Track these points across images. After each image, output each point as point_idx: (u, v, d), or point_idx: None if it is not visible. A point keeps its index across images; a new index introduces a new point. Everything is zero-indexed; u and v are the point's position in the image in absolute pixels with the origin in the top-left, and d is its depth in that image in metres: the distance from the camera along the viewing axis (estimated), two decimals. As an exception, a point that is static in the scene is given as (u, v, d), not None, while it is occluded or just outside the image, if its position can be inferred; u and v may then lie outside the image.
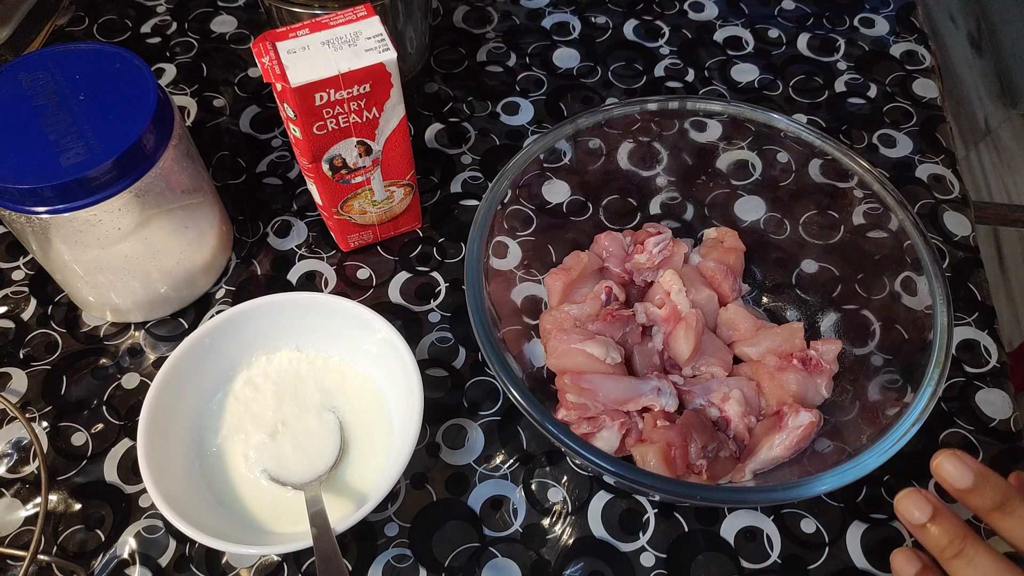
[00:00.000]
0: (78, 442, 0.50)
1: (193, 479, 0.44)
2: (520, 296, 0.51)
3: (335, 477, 0.45)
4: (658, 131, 0.53)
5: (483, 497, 0.47)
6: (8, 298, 0.56)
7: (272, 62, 0.45)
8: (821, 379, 0.48)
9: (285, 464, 0.45)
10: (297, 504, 0.43)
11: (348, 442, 0.47)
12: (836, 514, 0.47)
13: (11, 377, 0.52)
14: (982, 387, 0.52)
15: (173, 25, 0.72)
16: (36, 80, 0.46)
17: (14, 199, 0.43)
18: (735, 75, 0.68)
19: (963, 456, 0.34)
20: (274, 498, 0.45)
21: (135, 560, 0.46)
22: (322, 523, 0.40)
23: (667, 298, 0.51)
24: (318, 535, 0.39)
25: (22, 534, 0.46)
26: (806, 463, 0.45)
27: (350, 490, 0.45)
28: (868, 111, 0.66)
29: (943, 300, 0.43)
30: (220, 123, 0.65)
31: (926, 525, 0.34)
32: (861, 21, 0.73)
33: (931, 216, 0.60)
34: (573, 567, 0.45)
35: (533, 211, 0.52)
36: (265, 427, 0.46)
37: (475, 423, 0.50)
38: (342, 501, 0.45)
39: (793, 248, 0.53)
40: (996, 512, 0.33)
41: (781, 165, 0.52)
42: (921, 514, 0.34)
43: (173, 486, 0.41)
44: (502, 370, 0.41)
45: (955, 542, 0.34)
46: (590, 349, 0.48)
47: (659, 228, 0.55)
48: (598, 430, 0.46)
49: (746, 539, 0.46)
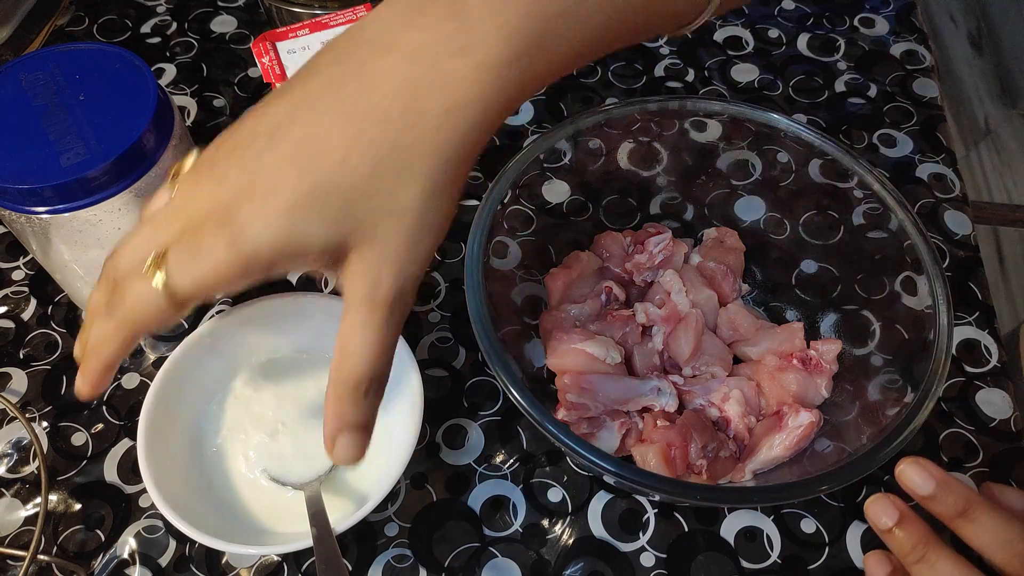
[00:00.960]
0: (78, 442, 0.50)
1: (193, 479, 0.44)
2: (520, 296, 0.51)
3: (335, 477, 0.45)
4: (658, 131, 0.53)
5: (483, 497, 0.47)
6: (8, 298, 0.56)
7: (272, 62, 0.45)
8: (821, 379, 0.48)
9: (285, 464, 0.45)
10: (297, 504, 0.43)
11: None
12: (836, 514, 0.47)
13: (11, 377, 0.52)
14: (982, 387, 0.52)
15: (173, 25, 0.72)
16: (36, 80, 0.46)
17: (14, 199, 0.43)
18: (735, 75, 0.68)
19: (926, 463, 0.35)
20: (274, 498, 0.45)
21: (135, 560, 0.46)
22: (322, 523, 0.40)
23: (667, 298, 0.51)
24: (318, 535, 0.39)
25: (22, 534, 0.46)
26: (806, 463, 0.45)
27: (350, 490, 0.45)
28: (868, 111, 0.66)
29: (943, 300, 0.43)
30: (220, 123, 0.65)
31: (892, 530, 0.35)
32: (861, 21, 0.73)
33: (931, 216, 0.60)
34: (573, 567, 0.45)
35: (533, 211, 0.52)
36: (265, 427, 0.46)
37: (475, 423, 0.50)
38: (342, 501, 0.45)
39: (793, 248, 0.53)
40: (959, 519, 0.34)
41: (781, 165, 0.52)
42: (888, 519, 0.35)
43: (173, 486, 0.41)
44: (502, 370, 0.41)
45: (918, 547, 0.34)
46: (590, 349, 0.48)
47: (659, 228, 0.55)
48: (598, 430, 0.46)
49: (746, 539, 0.46)
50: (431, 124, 0.27)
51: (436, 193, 0.29)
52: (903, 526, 0.35)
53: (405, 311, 0.31)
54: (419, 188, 0.28)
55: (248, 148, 0.29)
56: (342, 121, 0.28)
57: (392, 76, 0.28)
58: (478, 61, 0.28)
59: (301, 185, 0.28)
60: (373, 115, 0.28)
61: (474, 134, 0.28)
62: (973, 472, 0.48)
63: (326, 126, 0.28)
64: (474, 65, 0.28)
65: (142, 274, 0.29)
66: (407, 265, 0.30)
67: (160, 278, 0.29)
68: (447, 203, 0.30)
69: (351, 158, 0.28)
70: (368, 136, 0.27)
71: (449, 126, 0.28)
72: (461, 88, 0.28)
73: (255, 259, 0.28)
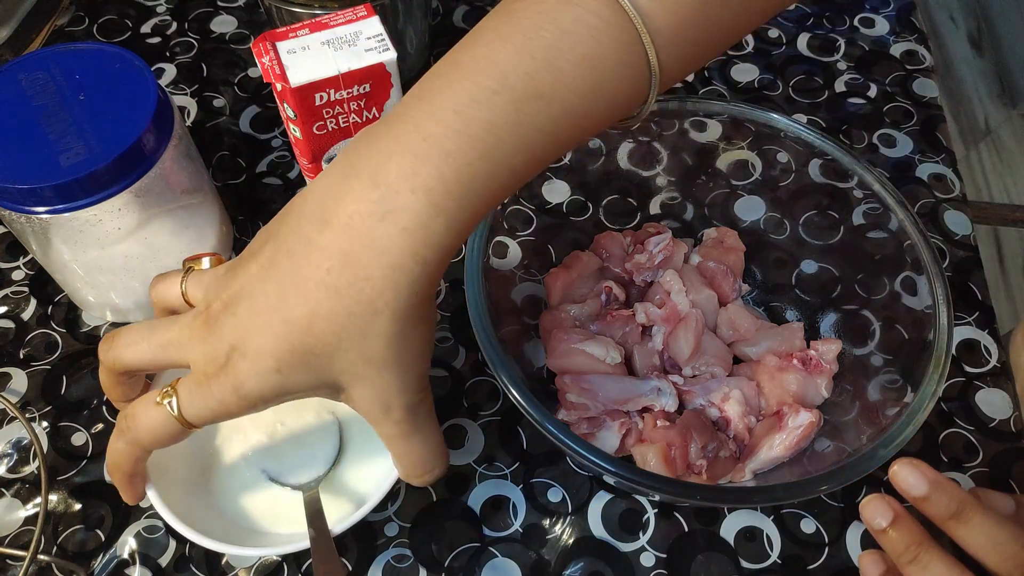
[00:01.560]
0: (78, 442, 0.50)
1: (191, 480, 0.44)
2: (520, 296, 0.51)
3: (334, 478, 0.45)
4: (658, 131, 0.53)
5: (483, 497, 0.47)
6: (8, 298, 0.56)
7: (272, 62, 0.45)
8: (821, 379, 0.48)
9: (284, 464, 0.45)
10: (296, 504, 0.43)
11: (347, 443, 0.47)
12: (836, 514, 0.47)
13: (11, 377, 0.52)
14: (982, 387, 0.52)
15: (173, 25, 0.72)
16: (36, 80, 0.46)
17: (14, 199, 0.43)
18: (735, 75, 0.68)
19: (919, 465, 0.35)
20: (273, 499, 0.45)
21: (135, 560, 0.46)
22: (320, 524, 0.40)
23: (667, 298, 0.51)
24: (315, 536, 0.39)
25: (22, 534, 0.46)
26: (806, 463, 0.45)
27: (349, 491, 0.45)
28: (868, 111, 0.66)
29: (943, 300, 0.43)
30: (220, 123, 0.65)
31: (886, 530, 0.35)
32: (861, 21, 0.73)
33: (931, 215, 0.60)
34: (573, 567, 0.45)
35: (533, 211, 0.52)
36: (264, 427, 0.46)
37: (475, 423, 0.50)
38: (341, 502, 0.45)
39: (793, 248, 0.53)
40: (952, 521, 0.34)
41: (781, 165, 0.52)
42: (882, 519, 0.35)
43: (171, 487, 0.41)
44: (502, 370, 0.41)
45: (911, 548, 0.35)
46: (590, 349, 0.48)
47: (659, 228, 0.55)
48: (598, 430, 0.46)
49: (746, 539, 0.46)
50: (377, 289, 0.30)
51: (404, 335, 0.31)
52: (897, 527, 0.35)
53: (429, 405, 0.35)
54: (384, 340, 0.31)
55: (238, 303, 0.32)
56: (299, 293, 0.30)
57: (332, 250, 0.30)
58: (403, 225, 0.29)
59: (280, 351, 0.31)
60: (322, 290, 0.30)
61: (419, 285, 0.30)
62: (973, 472, 0.48)
63: (291, 296, 0.31)
64: (400, 229, 0.29)
65: (155, 403, 0.33)
66: (405, 387, 0.33)
67: (173, 406, 0.33)
68: (420, 336, 0.32)
69: (315, 327, 0.30)
70: (324, 308, 0.30)
71: (392, 286, 0.30)
72: (393, 250, 0.29)
73: (259, 401, 0.32)
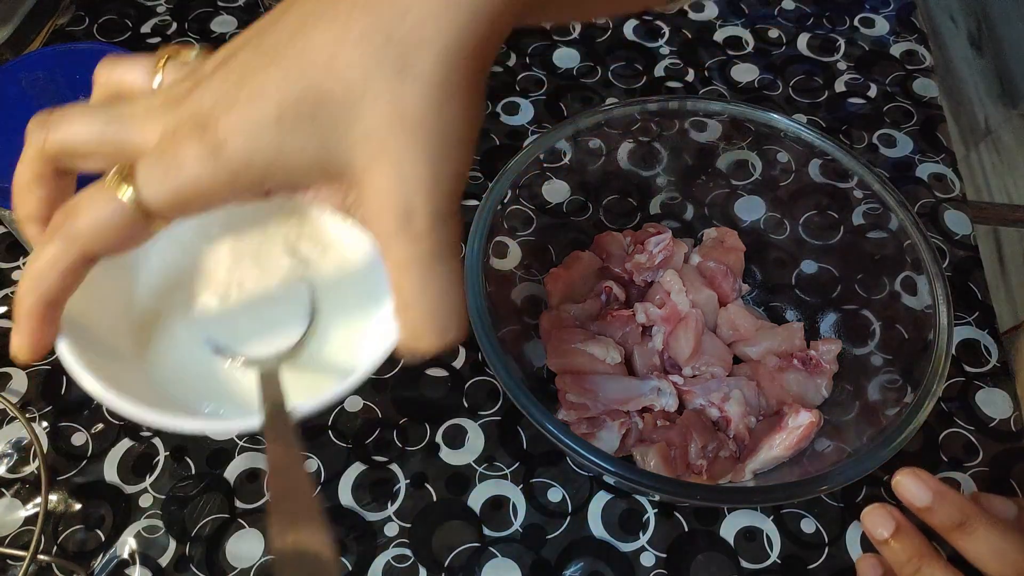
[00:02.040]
0: (78, 442, 0.50)
1: (116, 345, 0.35)
2: (520, 296, 0.51)
3: (299, 358, 0.36)
4: (658, 131, 0.53)
5: (483, 497, 0.47)
6: (8, 298, 0.56)
7: (272, 62, 0.45)
8: (821, 379, 0.48)
9: (236, 334, 0.36)
10: (249, 385, 0.34)
11: (319, 317, 0.36)
12: (836, 514, 0.47)
13: (11, 377, 0.52)
14: (982, 387, 0.52)
15: (173, 25, 0.72)
16: (36, 80, 0.46)
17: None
18: (735, 75, 0.68)
19: (922, 475, 0.35)
20: (218, 377, 0.35)
21: (135, 560, 0.46)
22: (277, 401, 0.30)
23: (667, 298, 0.51)
24: (271, 412, 0.29)
25: (22, 534, 0.46)
26: (806, 463, 0.45)
27: (317, 375, 0.36)
28: (868, 111, 0.66)
29: (943, 300, 0.43)
30: (220, 123, 0.65)
31: (888, 541, 0.35)
32: (861, 21, 0.73)
33: (931, 216, 0.60)
34: (573, 567, 0.45)
35: (533, 211, 0.52)
36: (216, 288, 0.36)
37: (475, 423, 0.50)
38: (306, 387, 0.33)
39: (793, 248, 0.53)
40: (956, 531, 0.34)
41: (781, 165, 0.52)
42: (884, 530, 0.35)
43: (89, 348, 0.32)
44: (502, 370, 0.41)
45: (912, 560, 0.34)
46: (590, 349, 0.48)
47: (659, 228, 0.55)
48: (598, 430, 0.46)
49: (746, 539, 0.46)
50: (426, 10, 0.23)
51: (447, 95, 0.24)
52: (899, 538, 0.35)
53: (456, 231, 0.26)
54: (424, 88, 0.24)
55: (232, 58, 0.25)
56: (321, 18, 0.24)
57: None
58: None
59: (285, 92, 0.24)
60: (357, 9, 0.24)
61: (477, 25, 0.24)
62: (973, 472, 0.48)
63: (310, 23, 0.24)
64: None
65: (103, 187, 0.26)
66: (438, 184, 0.24)
67: (128, 191, 0.25)
68: (465, 107, 0.25)
69: (339, 56, 0.23)
70: (357, 28, 0.23)
71: (448, 14, 0.23)
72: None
73: (241, 170, 0.25)
